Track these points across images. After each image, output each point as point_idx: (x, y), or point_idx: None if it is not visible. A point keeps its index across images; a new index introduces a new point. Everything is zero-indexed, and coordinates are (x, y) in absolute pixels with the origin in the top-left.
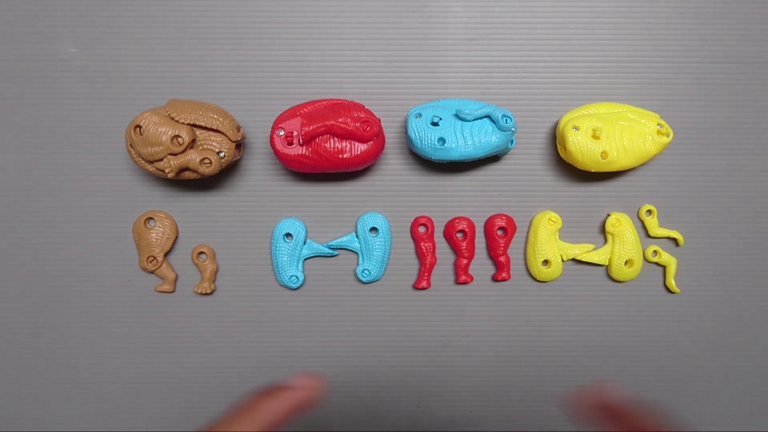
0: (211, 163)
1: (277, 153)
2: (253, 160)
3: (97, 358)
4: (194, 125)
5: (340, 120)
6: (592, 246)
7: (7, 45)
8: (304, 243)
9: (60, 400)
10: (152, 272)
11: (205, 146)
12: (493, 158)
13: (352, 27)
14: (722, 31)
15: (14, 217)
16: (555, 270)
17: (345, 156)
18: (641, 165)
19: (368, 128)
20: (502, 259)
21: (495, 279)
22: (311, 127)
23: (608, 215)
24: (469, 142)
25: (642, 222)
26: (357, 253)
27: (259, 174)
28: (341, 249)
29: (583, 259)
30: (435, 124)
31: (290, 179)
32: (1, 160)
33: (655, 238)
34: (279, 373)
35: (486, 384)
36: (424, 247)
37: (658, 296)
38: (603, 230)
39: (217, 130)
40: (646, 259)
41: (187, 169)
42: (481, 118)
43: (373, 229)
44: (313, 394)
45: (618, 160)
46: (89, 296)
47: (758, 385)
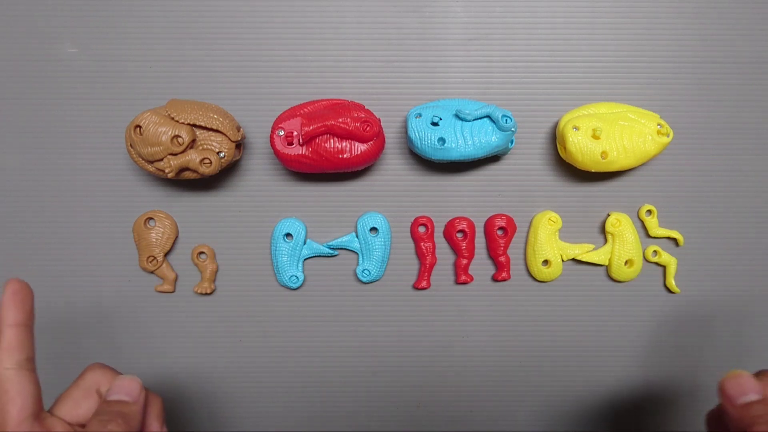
0: (211, 163)
1: (277, 153)
2: (253, 160)
3: (97, 359)
4: (194, 125)
5: (340, 120)
6: (592, 246)
7: (7, 45)
8: (304, 243)
9: None
10: (152, 272)
11: (205, 146)
12: (493, 158)
13: (352, 27)
14: (722, 31)
15: (14, 217)
16: (555, 270)
17: (345, 156)
18: (641, 165)
19: (368, 128)
20: (502, 259)
21: (495, 279)
22: (311, 127)
23: (608, 215)
24: (469, 142)
25: (642, 222)
26: (357, 253)
27: (259, 174)
28: (341, 249)
29: (583, 259)
30: (435, 124)
31: (290, 179)
32: (1, 160)
33: (655, 238)
34: (278, 373)
35: (486, 384)
36: (424, 247)
37: (658, 296)
38: (603, 230)
39: (217, 130)
40: (646, 259)
41: (187, 169)
42: (481, 118)
43: (373, 229)
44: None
45: (618, 160)
46: (89, 296)
47: None
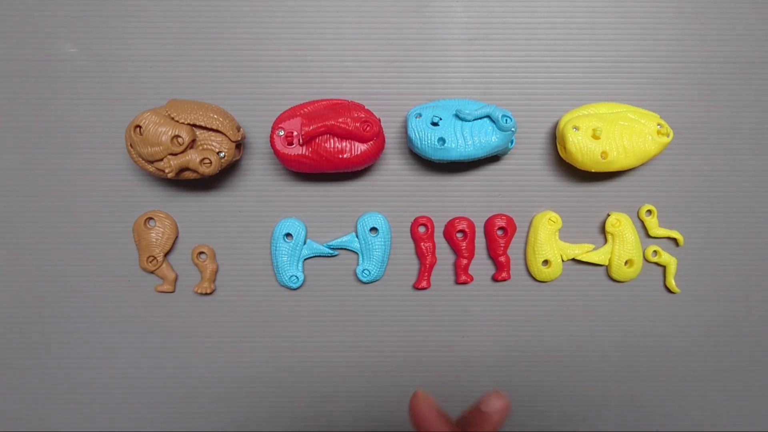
0: (211, 163)
1: (277, 153)
2: (253, 160)
3: (97, 359)
4: (194, 125)
5: (340, 120)
6: (592, 246)
7: (7, 45)
8: (304, 243)
9: (60, 400)
10: (152, 272)
11: (205, 146)
12: (493, 158)
13: (352, 27)
14: (722, 31)
15: (14, 217)
16: (555, 270)
17: (345, 156)
18: (641, 165)
19: (368, 128)
20: (502, 259)
21: (495, 279)
22: (311, 127)
23: (608, 215)
24: (469, 142)
25: (642, 222)
26: (357, 253)
27: (259, 174)
28: (341, 249)
29: (583, 259)
30: (435, 124)
31: (290, 179)
32: (1, 160)
33: (655, 238)
34: (279, 373)
35: (486, 384)
36: (424, 247)
37: (658, 296)
38: (603, 230)
39: (217, 130)
40: (646, 259)
41: (187, 169)
42: (481, 118)
43: (373, 229)
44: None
45: (618, 160)
46: (89, 296)
47: (758, 385)
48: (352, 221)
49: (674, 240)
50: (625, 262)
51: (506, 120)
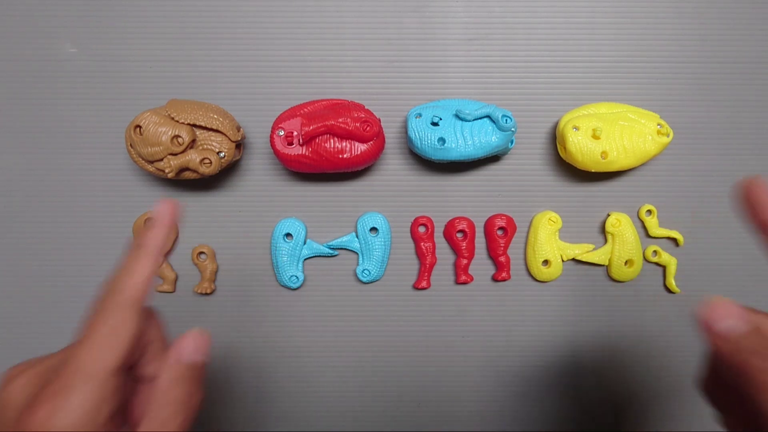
0: (211, 163)
1: (277, 153)
2: (253, 160)
3: None
4: (194, 125)
5: (340, 120)
6: (592, 246)
7: (7, 45)
8: (304, 243)
9: None
10: None
11: (205, 146)
12: (493, 158)
13: (352, 27)
14: (722, 31)
15: (14, 217)
16: (555, 270)
17: (345, 156)
18: (641, 165)
19: (368, 128)
20: (502, 259)
21: (495, 279)
22: (311, 127)
23: (608, 215)
24: (469, 142)
25: (642, 222)
26: (357, 253)
27: (259, 174)
28: (341, 249)
29: (583, 259)
30: (435, 124)
31: (290, 179)
32: (1, 160)
33: (655, 238)
34: (278, 373)
35: (486, 384)
36: (424, 247)
37: (658, 296)
38: (603, 230)
39: (217, 130)
40: (646, 259)
41: (187, 169)
42: (481, 118)
43: (373, 229)
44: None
45: (618, 160)
46: (89, 296)
47: None
48: (352, 221)
49: (674, 240)
50: (625, 262)
51: (506, 120)
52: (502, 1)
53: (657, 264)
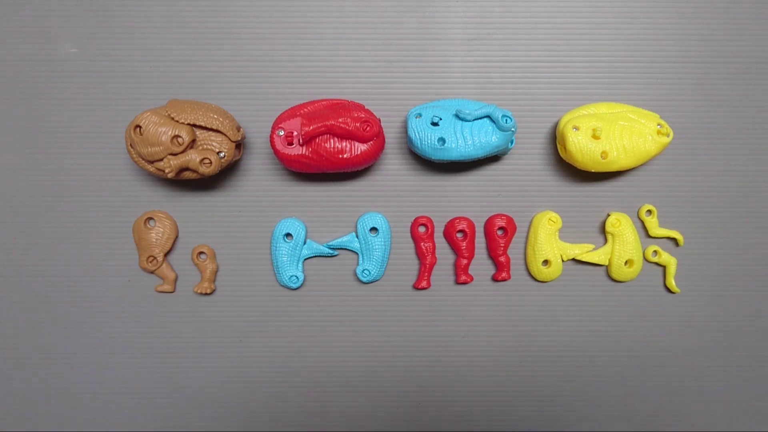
0: (211, 163)
1: (277, 153)
2: (253, 160)
3: (97, 358)
4: (194, 125)
5: (340, 120)
6: (592, 246)
7: (7, 45)
8: (304, 243)
9: (60, 400)
10: (152, 272)
11: (205, 146)
12: (493, 158)
13: (352, 27)
14: (722, 31)
15: (14, 217)
16: (555, 270)
17: (345, 156)
18: (641, 165)
19: (368, 128)
20: (502, 259)
21: (495, 279)
22: (311, 127)
23: (608, 215)
24: (469, 142)
25: (642, 222)
26: (357, 253)
27: (259, 174)
28: (341, 249)
29: (583, 259)
30: (435, 124)
31: (290, 179)
32: (1, 160)
33: (655, 238)
34: (279, 373)
35: (486, 384)
36: (424, 247)
37: (658, 296)
38: (603, 230)
39: (217, 130)
40: (646, 259)
41: (187, 169)
42: (481, 118)
43: (373, 229)
44: None
45: (618, 160)
46: (89, 296)
47: (758, 385)
48: (352, 221)
49: (674, 240)
50: (625, 262)
51: (506, 120)
52: (502, 1)
53: (657, 264)
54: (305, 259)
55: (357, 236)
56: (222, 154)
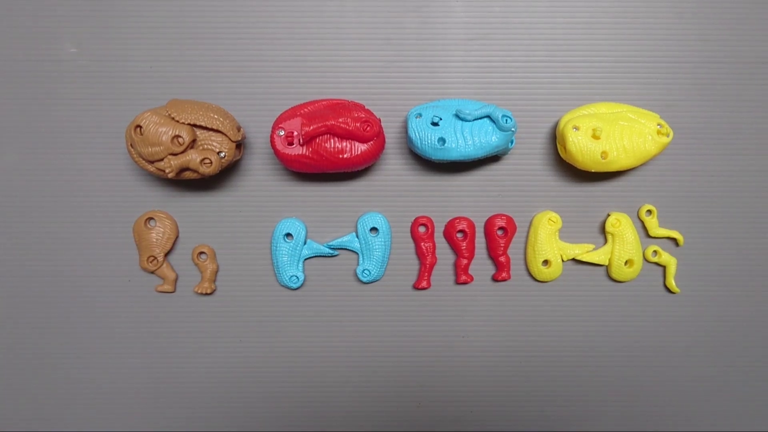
0: (212, 163)
1: (277, 153)
2: (254, 160)
3: (97, 358)
4: (194, 125)
5: (341, 120)
6: (592, 246)
7: (7, 45)
8: (305, 243)
9: (60, 400)
10: (152, 272)
11: (206, 146)
12: (493, 158)
13: (352, 27)
14: (722, 31)
15: (14, 217)
16: (555, 270)
17: (345, 156)
18: (641, 165)
19: (368, 128)
20: (502, 259)
21: (495, 279)
22: (311, 127)
23: (608, 215)
24: (469, 142)
25: (642, 222)
26: (357, 253)
27: (260, 174)
28: (341, 249)
29: (583, 259)
30: (435, 124)
31: (290, 179)
32: (1, 160)
33: (655, 238)
34: (279, 373)
35: (486, 384)
36: (424, 247)
37: (658, 296)
38: (603, 230)
39: (217, 130)
40: (646, 259)
41: (188, 169)
42: (481, 118)
43: (373, 229)
44: None
45: (618, 160)
46: (89, 296)
47: (758, 385)
48: (352, 221)
49: (674, 240)
50: (625, 262)
51: (506, 120)
52: (502, 1)
53: (657, 264)
54: (305, 259)
55: (357, 236)
56: (222, 154)
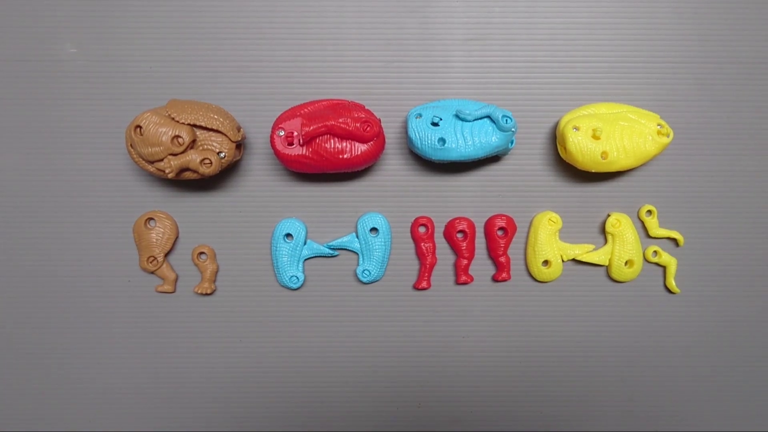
0: (212, 163)
1: (277, 153)
2: (254, 160)
3: (97, 358)
4: (194, 125)
5: (341, 120)
6: (592, 246)
7: (7, 45)
8: (305, 243)
9: (60, 400)
10: (152, 272)
11: (206, 146)
12: (493, 158)
13: (353, 27)
14: (722, 31)
15: (14, 217)
16: (555, 270)
17: (345, 156)
18: (641, 165)
19: (368, 128)
20: (503, 259)
21: (495, 279)
22: (311, 128)
23: (608, 215)
24: (470, 143)
25: (642, 222)
26: (357, 254)
27: (260, 174)
28: (341, 249)
29: (583, 260)
30: (435, 125)
31: (290, 179)
32: (1, 160)
33: (655, 238)
34: (279, 373)
35: (486, 384)
36: (424, 248)
37: (658, 296)
38: (603, 230)
39: (217, 131)
40: (646, 260)
41: (188, 170)
42: (481, 119)
43: (374, 230)
44: None
45: (618, 160)
46: (89, 296)
47: (758, 385)
48: (352, 221)
49: (674, 240)
50: (625, 263)
51: (506, 120)
52: (502, 1)
53: (657, 264)
54: (305, 260)
55: (357, 236)
56: (222, 155)
